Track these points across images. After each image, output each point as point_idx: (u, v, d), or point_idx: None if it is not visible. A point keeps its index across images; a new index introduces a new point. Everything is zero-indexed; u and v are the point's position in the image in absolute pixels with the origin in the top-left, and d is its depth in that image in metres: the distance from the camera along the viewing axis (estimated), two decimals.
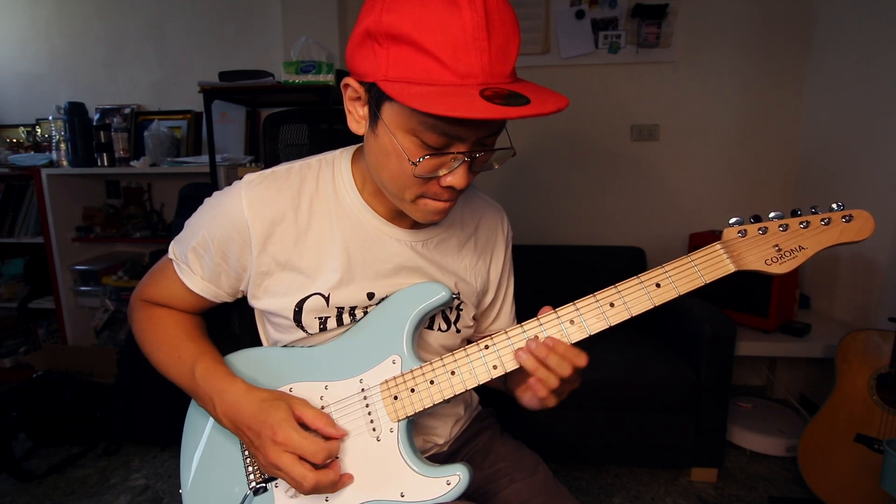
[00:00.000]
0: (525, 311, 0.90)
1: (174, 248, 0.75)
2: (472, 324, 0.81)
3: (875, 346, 1.50)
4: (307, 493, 0.64)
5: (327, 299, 0.71)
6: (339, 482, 0.66)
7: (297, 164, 0.72)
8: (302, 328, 0.72)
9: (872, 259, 1.90)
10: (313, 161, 0.73)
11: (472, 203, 0.81)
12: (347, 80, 0.61)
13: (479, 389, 0.70)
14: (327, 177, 0.72)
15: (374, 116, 0.59)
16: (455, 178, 0.59)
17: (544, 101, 0.52)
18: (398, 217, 0.72)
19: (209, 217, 0.71)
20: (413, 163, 0.57)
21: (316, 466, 0.64)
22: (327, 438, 0.66)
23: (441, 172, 0.59)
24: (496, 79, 0.54)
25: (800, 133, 2.28)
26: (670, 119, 2.32)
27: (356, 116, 0.63)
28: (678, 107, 2.31)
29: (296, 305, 0.71)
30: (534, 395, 0.64)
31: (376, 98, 0.58)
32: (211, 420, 0.75)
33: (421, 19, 0.51)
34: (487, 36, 0.52)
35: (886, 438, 1.38)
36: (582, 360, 0.62)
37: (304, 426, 0.65)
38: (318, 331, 0.72)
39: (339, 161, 0.73)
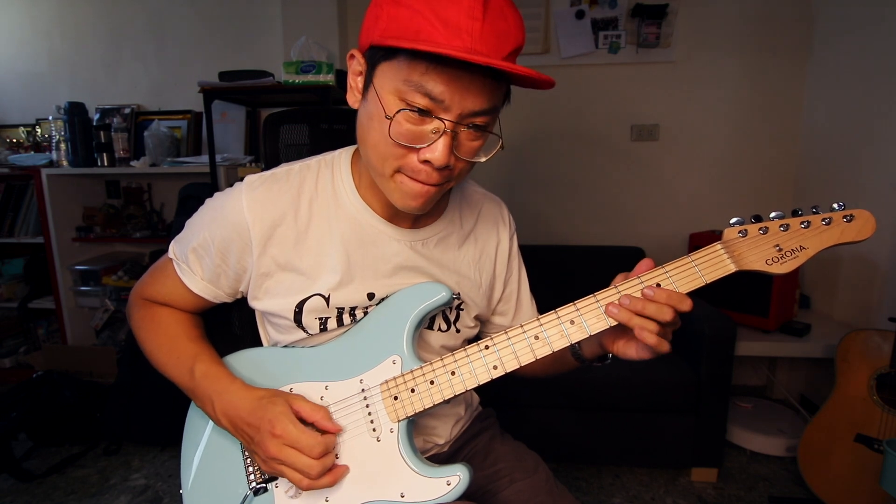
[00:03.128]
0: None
1: (174, 248, 0.76)
2: (472, 324, 0.81)
3: (875, 346, 1.50)
4: (312, 482, 0.64)
5: (327, 300, 0.71)
6: (338, 473, 0.66)
7: (296, 166, 0.73)
8: (302, 329, 0.72)
9: (872, 259, 1.90)
10: (312, 162, 0.73)
11: (469, 198, 0.81)
12: (353, 51, 0.63)
13: (480, 389, 0.70)
14: (326, 178, 0.72)
15: (368, 82, 0.61)
16: (433, 152, 0.58)
17: (532, 71, 0.54)
18: (397, 216, 0.72)
19: (209, 218, 0.71)
20: (388, 116, 0.57)
21: None
22: (324, 433, 0.66)
23: (420, 145, 0.59)
24: (486, 50, 0.55)
25: (800, 133, 2.28)
26: (670, 119, 2.32)
27: (355, 91, 0.64)
28: (678, 107, 2.31)
29: (296, 306, 0.71)
30: (641, 346, 0.62)
31: (371, 62, 0.60)
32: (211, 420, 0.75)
33: None
34: (482, 13, 0.54)
35: (886, 438, 1.38)
36: (685, 304, 0.59)
37: (303, 422, 0.65)
38: (318, 331, 0.72)
39: (338, 161, 0.73)
